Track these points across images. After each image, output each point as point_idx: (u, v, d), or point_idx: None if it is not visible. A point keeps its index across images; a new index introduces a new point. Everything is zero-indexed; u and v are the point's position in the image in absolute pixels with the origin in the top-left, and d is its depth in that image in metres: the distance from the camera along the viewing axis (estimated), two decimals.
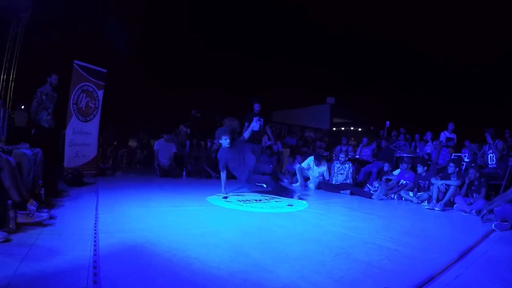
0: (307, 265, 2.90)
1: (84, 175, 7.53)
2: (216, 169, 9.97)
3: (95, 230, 3.55)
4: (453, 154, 9.91)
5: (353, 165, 9.60)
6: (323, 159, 9.65)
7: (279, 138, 14.98)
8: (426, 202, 7.17)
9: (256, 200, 6.34)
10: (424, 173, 7.84)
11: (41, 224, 3.56)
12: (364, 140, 11.98)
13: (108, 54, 11.70)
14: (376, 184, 8.67)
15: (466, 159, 9.38)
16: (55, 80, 7.37)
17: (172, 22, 18.44)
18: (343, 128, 25.28)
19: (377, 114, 18.62)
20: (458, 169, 7.41)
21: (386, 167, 9.23)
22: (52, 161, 6.38)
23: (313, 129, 19.87)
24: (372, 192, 8.21)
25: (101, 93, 8.93)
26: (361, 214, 5.76)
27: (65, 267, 2.53)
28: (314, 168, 9.33)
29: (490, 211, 5.45)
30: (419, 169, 7.92)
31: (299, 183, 9.42)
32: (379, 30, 20.24)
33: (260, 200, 6.37)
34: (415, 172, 8.10)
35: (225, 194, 6.75)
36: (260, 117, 8.77)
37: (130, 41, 14.06)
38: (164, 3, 17.81)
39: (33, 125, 7.35)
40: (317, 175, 9.23)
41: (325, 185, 8.95)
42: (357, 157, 11.45)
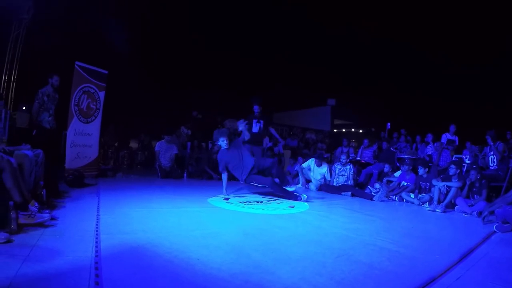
0: (308, 266, 2.90)
1: (85, 176, 7.54)
2: (217, 170, 9.99)
3: (96, 231, 3.55)
4: (454, 156, 9.90)
5: (354, 166, 9.58)
6: (323, 160, 9.65)
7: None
8: (427, 203, 7.17)
9: (257, 202, 6.34)
10: (425, 175, 7.84)
11: (42, 225, 3.56)
12: (365, 141, 11.97)
13: (109, 54, 11.72)
14: (377, 185, 8.67)
15: (467, 161, 9.39)
16: (56, 81, 7.37)
17: (172, 22, 18.46)
18: (344, 130, 25.29)
19: (378, 115, 18.65)
20: (459, 170, 7.39)
21: (387, 168, 9.23)
22: (53, 162, 6.38)
23: (314, 130, 19.85)
24: (373, 193, 8.21)
25: (102, 94, 8.94)
26: (362, 216, 5.76)
27: (67, 268, 2.54)
28: (315, 169, 9.33)
29: (491, 212, 5.45)
30: (420, 170, 7.91)
31: (301, 183, 9.43)
32: (379, 30, 20.26)
33: (261, 202, 6.38)
34: (416, 174, 8.10)
35: (227, 196, 6.77)
36: (260, 119, 8.72)
37: (130, 41, 14.07)
38: (164, 3, 17.83)
39: (34, 126, 7.35)
40: (319, 177, 9.23)
41: (326, 187, 8.94)
42: (358, 158, 11.44)
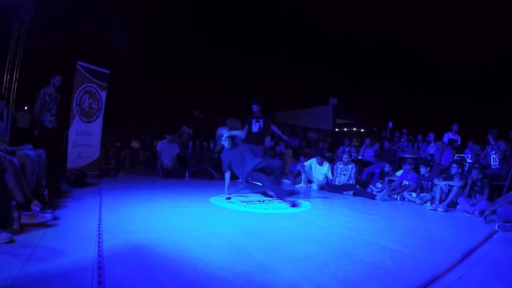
0: (310, 266, 2.90)
1: (87, 176, 7.54)
2: (218, 170, 10.00)
3: (98, 231, 3.56)
4: (456, 155, 9.90)
5: (356, 166, 9.58)
6: (325, 159, 9.66)
7: (282, 139, 14.94)
8: (429, 203, 7.17)
9: (259, 201, 6.34)
10: (427, 174, 7.83)
11: (45, 225, 3.57)
12: (367, 141, 11.95)
13: (109, 54, 11.71)
14: (379, 185, 8.68)
15: (469, 160, 9.39)
16: (58, 81, 7.38)
17: (172, 22, 18.44)
18: (345, 129, 25.24)
19: (380, 115, 18.62)
20: (461, 170, 7.39)
21: (387, 168, 9.22)
22: (55, 162, 6.39)
23: (316, 130, 19.83)
24: (375, 193, 8.21)
25: (104, 94, 8.94)
26: (364, 215, 5.77)
27: (69, 268, 2.54)
28: (316, 168, 9.34)
29: (493, 212, 5.46)
30: (422, 170, 7.90)
31: (303, 182, 9.44)
32: (379, 30, 20.24)
33: (263, 201, 6.38)
34: (418, 173, 8.09)
35: (228, 195, 6.76)
36: (259, 118, 8.70)
37: (131, 41, 14.06)
38: (164, 3, 17.82)
39: (36, 126, 7.35)
40: (321, 178, 9.24)
41: (328, 186, 8.94)
42: (359, 158, 11.44)
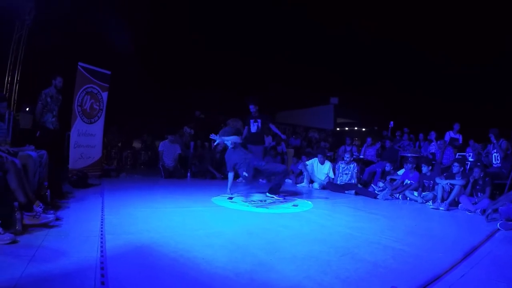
0: (313, 265, 2.90)
1: (89, 176, 7.55)
2: (220, 170, 10.01)
3: (101, 231, 3.56)
4: (458, 154, 9.89)
5: (358, 165, 9.58)
6: (326, 158, 9.66)
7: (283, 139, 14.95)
8: (431, 201, 7.17)
9: (261, 201, 6.34)
10: (429, 173, 7.82)
11: (47, 226, 3.57)
12: (368, 140, 11.94)
13: (109, 55, 11.71)
14: (380, 184, 8.67)
15: (470, 159, 9.38)
16: (59, 83, 7.39)
17: (172, 22, 18.44)
18: (347, 128, 25.22)
19: (381, 114, 18.61)
20: (462, 168, 7.39)
21: (388, 167, 9.21)
22: (57, 162, 6.40)
23: (317, 129, 19.85)
24: (377, 192, 8.21)
25: (105, 95, 8.95)
26: (366, 214, 5.76)
27: (72, 268, 2.54)
28: (318, 167, 9.34)
29: (495, 210, 5.46)
30: (424, 169, 7.90)
31: (305, 182, 9.44)
32: (379, 30, 20.24)
33: (265, 201, 6.38)
34: (420, 172, 8.08)
35: (230, 195, 6.76)
36: (257, 118, 8.67)
37: (131, 41, 14.06)
38: (164, 3, 17.82)
39: (38, 127, 7.36)
40: (322, 178, 9.24)
41: (330, 185, 8.94)
42: (361, 157, 11.42)
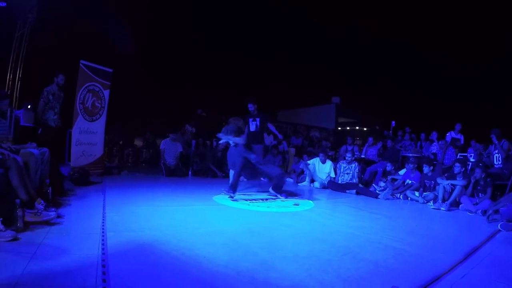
0: (314, 264, 2.91)
1: (91, 174, 7.56)
2: (222, 168, 10.01)
3: (102, 229, 3.57)
4: (459, 154, 9.87)
5: (359, 164, 9.57)
6: (328, 157, 9.66)
7: (285, 138, 14.93)
8: (432, 202, 7.17)
9: (262, 200, 6.35)
10: (430, 173, 7.82)
11: (48, 223, 3.58)
12: (370, 139, 11.92)
13: (110, 53, 11.71)
14: (382, 183, 8.67)
15: (472, 159, 9.36)
16: (61, 80, 7.38)
17: (172, 22, 18.44)
18: (348, 128, 25.20)
19: (383, 113, 18.59)
20: (464, 169, 7.38)
21: (389, 167, 9.20)
22: (59, 160, 6.41)
23: (319, 128, 19.83)
24: (378, 191, 8.20)
25: (107, 92, 8.95)
26: (367, 214, 5.77)
27: (74, 265, 2.55)
28: (320, 166, 9.34)
29: (496, 211, 5.46)
30: (425, 169, 7.90)
31: (307, 181, 9.44)
32: (379, 30, 20.25)
33: (266, 199, 6.38)
34: (421, 172, 8.08)
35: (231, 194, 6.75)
36: (255, 117, 8.66)
37: (131, 41, 14.06)
38: (164, 3, 17.82)
39: (40, 125, 7.36)
40: (324, 177, 9.24)
41: (331, 185, 8.93)
42: (362, 156, 11.41)
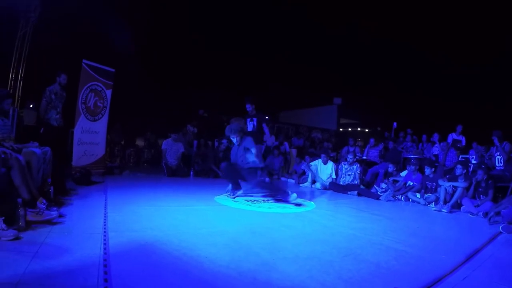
0: (316, 265, 2.91)
1: (92, 174, 7.57)
2: None
3: (104, 228, 3.57)
4: (461, 156, 9.87)
5: (361, 166, 9.56)
6: (329, 158, 9.67)
7: (286, 139, 14.93)
8: (433, 203, 7.15)
9: (263, 200, 6.35)
10: (432, 175, 7.81)
11: (50, 222, 3.58)
12: (371, 141, 11.91)
13: (110, 54, 11.71)
14: (383, 185, 8.65)
15: (473, 161, 9.35)
16: (64, 80, 7.39)
17: (172, 22, 18.46)
18: (350, 129, 25.23)
19: (383, 114, 18.60)
20: (465, 170, 7.36)
21: (391, 168, 9.19)
22: (61, 159, 6.41)
23: (320, 129, 19.84)
24: (379, 193, 8.19)
25: (109, 92, 8.94)
26: (369, 215, 5.77)
27: (76, 265, 2.56)
28: (322, 167, 9.35)
29: (497, 213, 5.46)
30: (427, 170, 7.88)
31: (308, 182, 9.44)
32: (379, 30, 20.27)
33: (267, 200, 6.38)
34: (423, 174, 8.07)
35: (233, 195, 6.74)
36: (253, 117, 8.65)
37: (131, 41, 14.07)
38: (164, 3, 17.83)
39: (42, 124, 7.37)
40: (325, 178, 9.24)
41: (333, 186, 8.93)
42: (364, 158, 11.41)
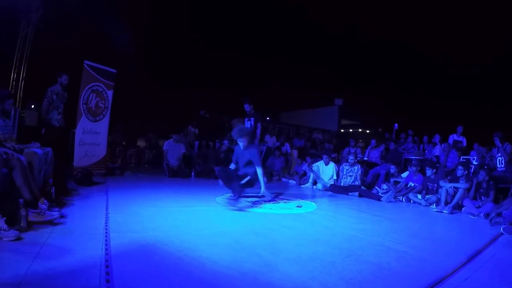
0: (317, 266, 2.91)
1: (94, 174, 7.57)
2: None
3: (106, 229, 3.58)
4: (462, 157, 9.85)
5: (362, 167, 9.55)
6: (331, 159, 9.67)
7: (287, 139, 14.92)
8: (435, 204, 7.14)
9: (265, 201, 6.32)
10: (433, 176, 7.79)
11: (52, 223, 3.58)
12: (373, 142, 11.91)
13: (110, 54, 11.71)
14: (384, 186, 8.64)
15: (474, 162, 9.34)
16: (65, 80, 7.39)
17: (172, 22, 18.44)
18: (351, 130, 25.23)
19: (383, 115, 18.59)
20: (466, 172, 7.36)
21: (393, 169, 9.18)
22: (62, 160, 6.42)
23: (321, 130, 19.85)
24: (380, 194, 8.18)
25: (110, 93, 8.95)
26: (370, 216, 5.76)
27: (77, 266, 2.56)
28: (323, 169, 9.35)
29: (499, 214, 5.44)
30: (428, 171, 7.86)
31: (310, 183, 9.44)
32: (379, 30, 20.25)
33: (269, 201, 6.36)
34: (424, 175, 8.05)
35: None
36: (250, 117, 8.63)
37: (131, 41, 14.06)
38: (164, 3, 17.82)
39: (43, 125, 7.37)
40: (327, 179, 9.24)
41: (334, 187, 8.92)
42: (365, 159, 11.40)
